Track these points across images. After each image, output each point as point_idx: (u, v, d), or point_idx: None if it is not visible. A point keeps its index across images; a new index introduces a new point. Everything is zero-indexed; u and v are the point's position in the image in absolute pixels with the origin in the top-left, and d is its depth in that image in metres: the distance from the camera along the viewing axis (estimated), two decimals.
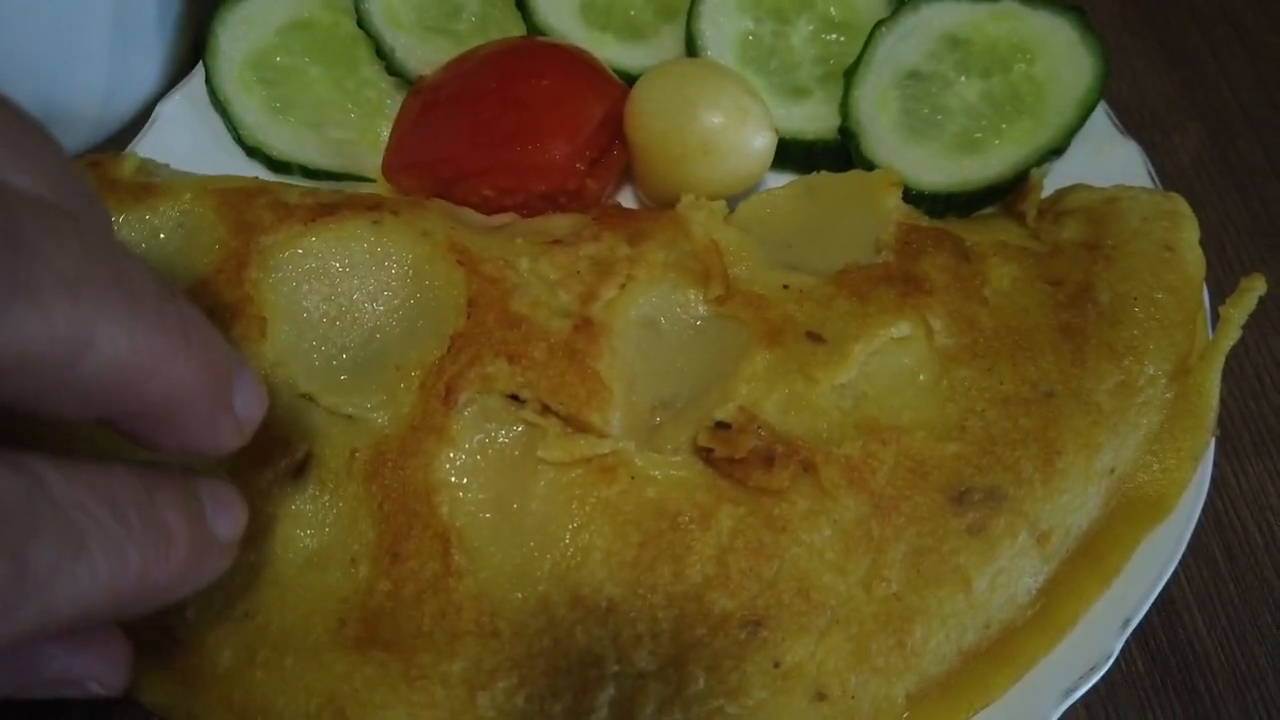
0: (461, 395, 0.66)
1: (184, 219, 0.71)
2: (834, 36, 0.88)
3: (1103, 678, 0.65)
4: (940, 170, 0.83)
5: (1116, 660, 0.66)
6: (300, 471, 0.65)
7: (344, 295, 0.70)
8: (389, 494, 0.64)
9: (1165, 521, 0.69)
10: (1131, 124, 0.97)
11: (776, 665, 0.61)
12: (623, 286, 0.71)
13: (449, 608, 0.62)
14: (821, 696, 0.61)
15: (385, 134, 0.85)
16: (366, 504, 0.64)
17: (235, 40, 0.86)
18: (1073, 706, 0.69)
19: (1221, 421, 0.81)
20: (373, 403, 0.67)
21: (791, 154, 0.86)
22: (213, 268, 0.69)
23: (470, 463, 0.65)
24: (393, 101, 0.88)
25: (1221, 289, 0.86)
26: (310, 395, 0.67)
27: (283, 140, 0.85)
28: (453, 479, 0.65)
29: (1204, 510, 0.70)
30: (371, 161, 0.85)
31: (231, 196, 0.72)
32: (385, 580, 0.62)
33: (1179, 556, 0.68)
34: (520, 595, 0.62)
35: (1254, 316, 0.85)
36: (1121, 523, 0.69)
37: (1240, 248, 0.91)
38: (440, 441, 0.65)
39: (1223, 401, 0.81)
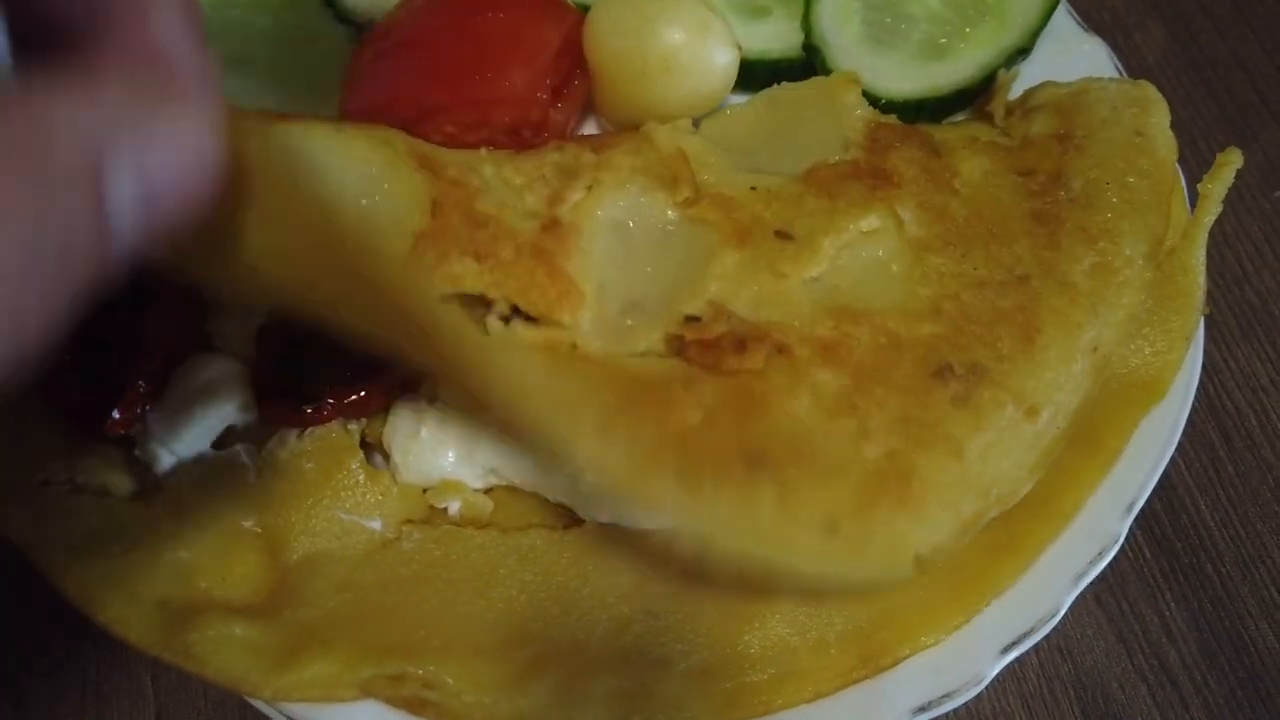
0: None
1: None
2: None
3: (1112, 566, 0.64)
4: (908, 79, 0.82)
5: (1125, 549, 0.65)
6: None
7: None
8: None
9: (1161, 404, 0.68)
10: (1093, 26, 0.96)
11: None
12: (589, 189, 0.69)
13: None
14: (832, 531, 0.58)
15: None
16: None
17: None
18: (1086, 599, 0.69)
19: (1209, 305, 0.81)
20: None
21: (756, 74, 0.84)
22: None
23: None
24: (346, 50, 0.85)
25: (1195, 181, 0.85)
26: None
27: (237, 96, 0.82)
28: None
29: (1197, 396, 0.69)
30: (327, 114, 0.82)
31: None
32: None
33: (1177, 438, 0.67)
34: None
35: (1231, 204, 0.85)
36: (1117, 407, 0.68)
37: (1210, 139, 0.91)
38: None
39: (1208, 288, 0.81)
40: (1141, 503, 0.65)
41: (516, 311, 0.63)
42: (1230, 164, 0.71)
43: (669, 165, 0.70)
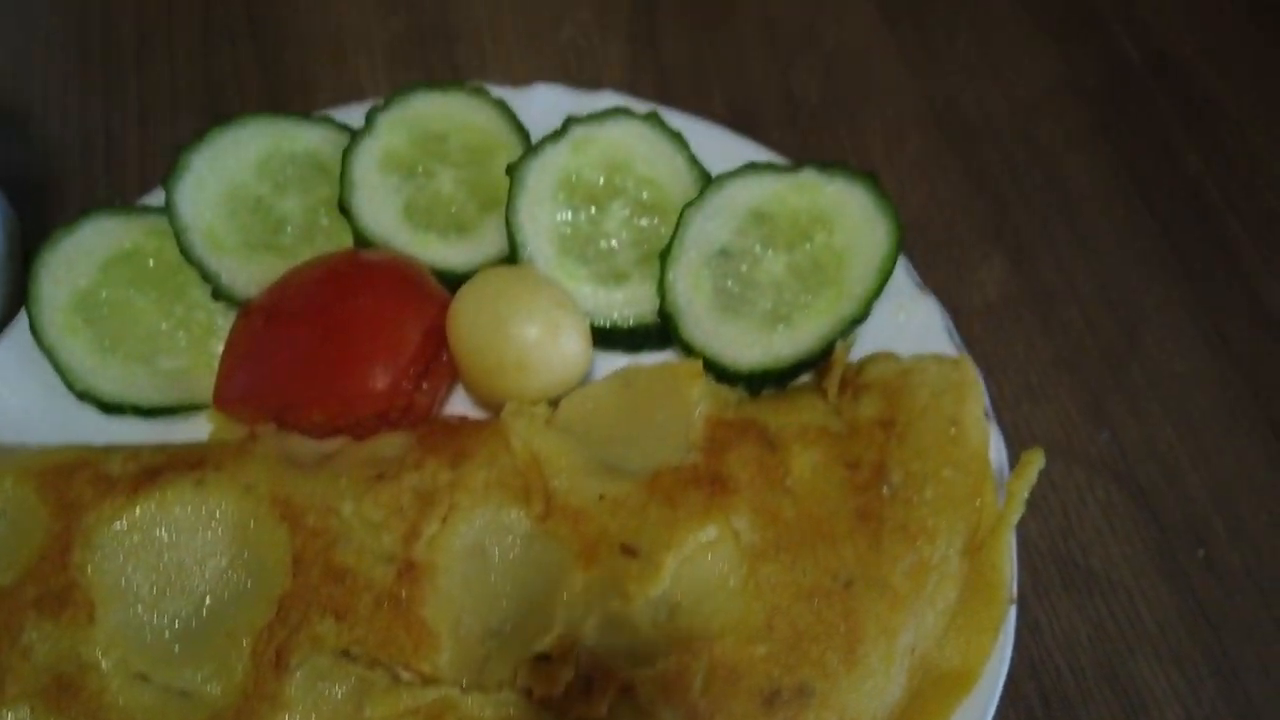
0: (292, 658, 0.69)
1: (6, 506, 0.73)
2: (647, 220, 0.93)
3: None
4: (754, 347, 0.87)
5: None
6: None
7: (171, 565, 0.72)
8: None
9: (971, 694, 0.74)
10: (940, 258, 1.03)
11: None
12: (444, 520, 0.74)
13: None
14: None
15: (219, 354, 0.87)
16: None
17: (58, 284, 0.87)
18: None
19: (1031, 561, 0.87)
20: (205, 674, 0.69)
21: (615, 338, 0.90)
22: (37, 555, 0.71)
23: None
24: (224, 320, 0.89)
25: (1028, 421, 0.91)
26: (144, 674, 0.69)
27: (113, 381, 0.86)
28: None
29: (1020, 657, 0.75)
30: (206, 386, 0.86)
31: (52, 476, 0.74)
32: None
33: None
34: None
35: (1061, 449, 0.92)
36: (929, 699, 0.73)
37: (1044, 376, 0.97)
38: (274, 707, 0.68)
39: (1031, 541, 0.88)
40: None
41: (377, 663, 0.68)
42: (1034, 464, 0.77)
43: (523, 474, 0.76)
